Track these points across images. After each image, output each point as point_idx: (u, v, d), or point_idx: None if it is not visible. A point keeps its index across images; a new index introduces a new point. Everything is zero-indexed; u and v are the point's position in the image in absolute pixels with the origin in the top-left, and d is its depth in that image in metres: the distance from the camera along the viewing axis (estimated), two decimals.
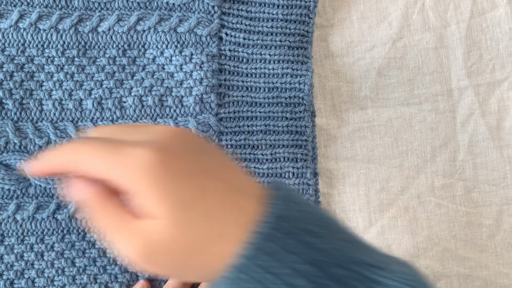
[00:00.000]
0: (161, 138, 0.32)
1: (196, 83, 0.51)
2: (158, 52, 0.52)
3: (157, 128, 0.34)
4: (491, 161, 0.56)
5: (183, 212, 0.31)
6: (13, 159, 0.50)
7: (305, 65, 0.53)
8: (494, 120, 0.56)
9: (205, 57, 0.51)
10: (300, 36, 0.53)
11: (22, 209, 0.50)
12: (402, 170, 0.55)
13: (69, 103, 0.51)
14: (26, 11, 0.51)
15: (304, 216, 0.33)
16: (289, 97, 0.53)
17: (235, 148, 0.52)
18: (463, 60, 0.56)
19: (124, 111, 0.51)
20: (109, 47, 0.51)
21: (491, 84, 0.56)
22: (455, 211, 0.55)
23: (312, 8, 0.53)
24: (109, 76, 0.51)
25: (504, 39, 0.56)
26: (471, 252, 0.55)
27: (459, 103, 0.56)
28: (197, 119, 0.51)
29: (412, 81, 0.56)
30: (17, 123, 0.50)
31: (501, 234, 0.55)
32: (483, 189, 0.56)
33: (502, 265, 0.55)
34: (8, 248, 0.50)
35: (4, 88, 0.50)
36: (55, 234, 0.50)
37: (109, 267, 0.51)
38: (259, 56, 0.53)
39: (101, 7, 0.52)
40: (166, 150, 0.31)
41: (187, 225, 0.31)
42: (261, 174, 0.52)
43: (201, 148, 0.34)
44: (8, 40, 0.50)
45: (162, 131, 0.33)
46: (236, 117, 0.52)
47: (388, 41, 0.56)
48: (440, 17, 0.56)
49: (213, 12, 0.52)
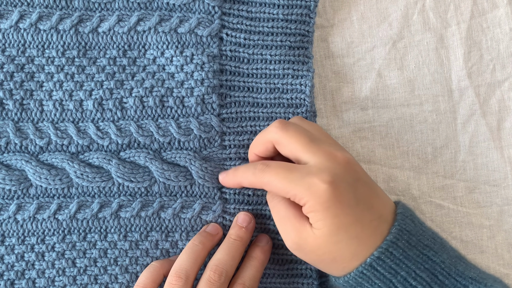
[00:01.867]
0: (334, 168, 0.43)
1: (197, 84, 0.51)
2: (158, 52, 0.52)
3: (332, 155, 0.44)
4: (491, 161, 0.56)
5: (337, 232, 0.42)
6: (14, 160, 0.50)
7: (306, 65, 0.53)
8: (494, 120, 0.56)
9: (206, 57, 0.51)
10: (301, 36, 0.53)
11: (23, 209, 0.50)
12: (403, 170, 0.55)
13: (70, 103, 0.51)
14: (26, 12, 0.51)
15: (421, 233, 0.44)
16: (290, 98, 0.53)
17: (238, 148, 0.52)
18: (464, 60, 0.56)
19: (125, 111, 0.51)
20: (110, 48, 0.51)
21: (491, 85, 0.56)
22: (456, 212, 0.55)
23: (312, 8, 0.53)
24: (109, 77, 0.51)
25: (505, 39, 0.56)
26: (472, 253, 0.55)
27: (460, 103, 0.56)
28: (199, 120, 0.51)
29: (413, 82, 0.56)
30: (17, 123, 0.50)
31: (501, 234, 0.55)
32: (484, 190, 0.56)
33: (503, 265, 0.55)
34: (8, 248, 0.49)
35: (4, 88, 0.50)
36: (55, 234, 0.50)
37: (110, 267, 0.51)
38: (260, 56, 0.53)
39: (101, 7, 0.52)
40: (337, 184, 0.42)
41: (335, 243, 0.43)
42: None
43: (359, 178, 0.44)
44: (9, 41, 0.50)
45: (336, 160, 0.44)
46: (239, 117, 0.52)
47: (389, 41, 0.56)
48: (440, 18, 0.56)
49: (214, 12, 0.52)
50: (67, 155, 0.50)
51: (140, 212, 0.51)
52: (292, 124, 0.46)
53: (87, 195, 0.50)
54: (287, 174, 0.44)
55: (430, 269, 0.43)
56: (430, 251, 0.43)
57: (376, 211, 0.44)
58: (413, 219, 0.45)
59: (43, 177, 0.49)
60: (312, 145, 0.44)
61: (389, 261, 0.42)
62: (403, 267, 0.42)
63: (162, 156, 0.51)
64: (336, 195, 0.42)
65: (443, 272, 0.43)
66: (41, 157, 0.50)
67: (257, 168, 0.46)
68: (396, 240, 0.43)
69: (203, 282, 0.46)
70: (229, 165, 0.52)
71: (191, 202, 0.51)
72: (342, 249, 0.43)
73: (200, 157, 0.51)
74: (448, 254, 0.44)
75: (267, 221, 0.52)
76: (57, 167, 0.50)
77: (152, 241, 0.51)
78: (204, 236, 0.49)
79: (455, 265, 0.44)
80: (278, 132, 0.45)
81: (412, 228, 0.44)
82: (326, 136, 0.47)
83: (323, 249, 0.43)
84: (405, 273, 0.42)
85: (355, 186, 0.43)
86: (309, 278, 0.52)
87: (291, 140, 0.45)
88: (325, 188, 0.42)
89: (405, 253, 0.43)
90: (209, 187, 0.51)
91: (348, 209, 0.42)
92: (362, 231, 0.42)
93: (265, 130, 0.47)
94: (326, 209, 0.42)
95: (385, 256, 0.42)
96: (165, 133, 0.51)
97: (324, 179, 0.42)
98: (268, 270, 0.52)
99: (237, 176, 0.49)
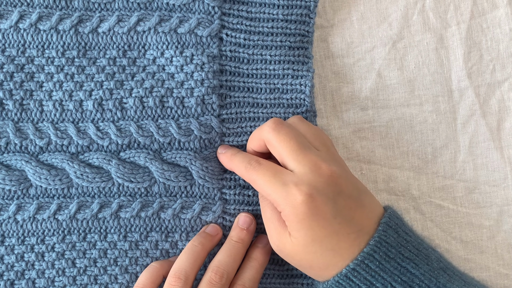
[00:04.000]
0: (316, 180, 0.43)
1: (197, 84, 0.51)
2: (158, 53, 0.52)
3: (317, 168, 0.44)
4: (491, 162, 0.56)
5: (311, 244, 0.43)
6: (14, 160, 0.49)
7: (306, 66, 0.53)
8: (494, 121, 0.56)
9: (205, 58, 0.51)
10: (301, 36, 0.53)
11: (23, 209, 0.50)
12: (403, 171, 0.55)
13: (70, 104, 0.51)
14: (26, 12, 0.50)
15: (404, 243, 0.44)
16: (290, 98, 0.52)
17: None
18: (464, 61, 0.56)
19: (125, 112, 0.51)
20: (109, 48, 0.51)
21: (491, 85, 0.56)
22: (456, 212, 0.55)
23: (312, 8, 0.53)
24: (109, 77, 0.51)
25: (505, 39, 0.56)
26: (471, 254, 0.55)
27: (460, 104, 0.56)
28: (199, 120, 0.51)
29: (413, 82, 0.56)
30: (17, 123, 0.50)
31: (501, 235, 0.55)
32: (483, 190, 0.56)
33: (503, 266, 0.55)
34: (8, 248, 0.49)
35: (4, 88, 0.50)
36: (55, 234, 0.50)
37: (110, 267, 0.51)
38: (259, 56, 0.52)
39: (101, 7, 0.52)
40: (314, 197, 0.42)
41: (310, 253, 0.43)
42: None
43: (340, 191, 0.44)
44: (8, 41, 0.50)
45: (319, 173, 0.43)
46: (239, 118, 0.52)
47: (389, 42, 0.56)
48: (440, 18, 0.56)
49: (214, 12, 0.52)
50: (67, 156, 0.50)
51: (140, 212, 0.51)
52: (285, 126, 0.46)
53: (87, 196, 0.50)
54: (271, 178, 0.44)
55: (407, 282, 0.43)
56: (410, 263, 0.43)
57: (356, 224, 0.44)
58: (397, 229, 0.45)
59: (43, 178, 0.49)
60: (299, 152, 0.44)
61: (364, 272, 0.43)
62: (378, 279, 0.43)
63: (162, 156, 0.51)
64: (311, 208, 0.42)
65: (421, 284, 0.43)
66: (41, 157, 0.50)
67: (250, 164, 0.47)
68: (373, 252, 0.43)
69: (204, 283, 0.46)
70: None
71: (191, 203, 0.51)
72: (317, 259, 0.44)
73: (201, 157, 0.51)
74: (431, 266, 0.44)
75: None
76: (57, 168, 0.50)
77: (152, 241, 0.51)
78: (203, 237, 0.49)
79: (436, 277, 0.44)
80: (270, 132, 0.46)
81: (393, 240, 0.44)
82: (321, 141, 0.47)
83: (299, 256, 0.44)
84: (380, 285, 0.43)
85: (335, 199, 0.43)
86: (309, 279, 0.52)
87: (280, 143, 0.45)
88: (302, 200, 0.42)
89: (382, 265, 0.43)
90: (209, 188, 0.51)
91: (324, 222, 0.43)
92: (337, 244, 0.43)
93: (261, 126, 0.47)
94: (300, 221, 0.43)
95: (360, 268, 0.43)
96: (165, 134, 0.51)
97: (302, 190, 0.42)
98: (268, 270, 0.52)
99: (232, 163, 0.49)
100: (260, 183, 0.45)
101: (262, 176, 0.45)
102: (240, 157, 0.49)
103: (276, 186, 0.44)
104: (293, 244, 0.44)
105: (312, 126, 0.49)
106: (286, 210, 0.43)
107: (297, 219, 0.43)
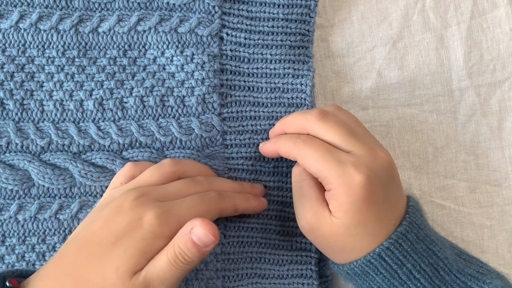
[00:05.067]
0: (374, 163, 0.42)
1: (198, 83, 0.51)
2: (158, 52, 0.52)
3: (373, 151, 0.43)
4: (492, 161, 0.56)
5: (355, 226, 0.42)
6: (16, 160, 0.49)
7: (307, 65, 0.53)
8: (495, 120, 0.56)
9: (206, 57, 0.51)
10: (301, 36, 0.53)
11: (24, 209, 0.49)
12: (404, 170, 0.55)
13: (70, 103, 0.51)
14: (26, 12, 0.50)
15: (428, 227, 0.45)
16: (291, 98, 0.53)
17: (239, 148, 0.52)
18: (464, 60, 0.56)
19: (125, 111, 0.51)
20: (110, 48, 0.51)
21: (492, 85, 0.56)
22: (457, 212, 0.55)
23: (313, 7, 0.53)
24: (109, 77, 0.51)
25: (505, 39, 0.56)
26: (473, 253, 0.55)
27: (460, 103, 0.56)
28: (200, 119, 0.51)
29: (413, 82, 0.56)
30: (18, 123, 0.50)
31: (502, 234, 0.55)
32: (485, 190, 0.56)
33: (503, 265, 0.55)
34: (9, 248, 0.49)
35: (5, 88, 0.50)
36: (56, 234, 0.50)
37: None
38: (260, 56, 0.53)
39: (101, 7, 0.52)
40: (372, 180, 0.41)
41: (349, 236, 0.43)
42: (266, 173, 0.52)
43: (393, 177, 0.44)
44: (9, 41, 0.50)
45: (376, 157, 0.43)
46: (240, 116, 0.52)
47: (389, 41, 0.56)
48: (440, 18, 0.56)
49: (214, 12, 0.52)
50: (69, 155, 0.50)
51: None
52: (331, 115, 0.45)
53: (89, 195, 0.50)
54: (326, 154, 0.42)
55: (433, 264, 0.43)
56: (435, 246, 0.44)
57: (397, 211, 0.44)
58: (421, 213, 0.45)
59: (47, 177, 0.49)
60: (352, 137, 0.43)
61: (398, 252, 0.42)
62: (409, 259, 0.43)
63: (165, 154, 0.51)
64: (368, 190, 0.41)
65: (445, 268, 0.44)
66: (43, 157, 0.50)
67: (300, 138, 0.45)
68: (406, 232, 0.43)
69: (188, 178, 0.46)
70: (232, 163, 0.52)
71: None
72: (354, 242, 0.43)
73: (203, 156, 0.51)
74: (450, 251, 0.45)
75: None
76: (60, 167, 0.50)
77: None
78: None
79: (456, 262, 0.44)
80: (317, 123, 0.44)
81: (421, 222, 0.44)
82: (363, 129, 0.47)
83: (335, 237, 0.43)
84: (410, 266, 0.43)
85: (387, 185, 0.43)
86: (309, 278, 0.52)
87: (330, 131, 0.44)
88: (359, 181, 0.41)
89: (413, 245, 0.43)
90: None
91: (374, 207, 0.42)
92: (380, 229, 0.43)
93: (305, 115, 0.46)
94: (352, 202, 0.41)
95: (394, 247, 0.42)
96: (166, 133, 0.51)
97: (361, 171, 0.41)
98: (268, 270, 0.52)
99: (277, 143, 0.47)
100: (311, 159, 0.43)
101: (315, 150, 0.43)
102: (285, 136, 0.47)
103: (331, 163, 0.42)
104: (333, 224, 0.43)
105: (350, 114, 0.48)
106: (339, 189, 0.42)
107: (349, 199, 0.41)
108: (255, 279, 0.51)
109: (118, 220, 0.41)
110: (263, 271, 0.51)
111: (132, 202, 0.42)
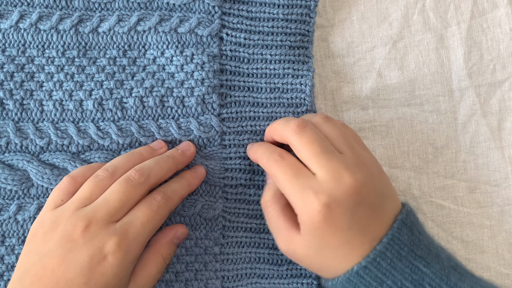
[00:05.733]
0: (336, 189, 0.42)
1: (197, 84, 0.51)
2: (158, 52, 0.52)
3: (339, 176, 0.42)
4: (492, 161, 0.56)
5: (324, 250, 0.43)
6: (15, 160, 0.49)
7: (306, 65, 0.53)
8: (495, 120, 0.56)
9: (206, 57, 0.51)
10: (301, 36, 0.53)
11: (23, 209, 0.49)
12: (404, 170, 0.55)
13: (70, 103, 0.51)
14: (26, 12, 0.50)
15: (416, 242, 0.44)
16: (291, 98, 0.53)
17: (238, 148, 0.52)
18: (464, 60, 0.56)
19: (125, 111, 0.51)
20: (110, 48, 0.51)
21: (492, 85, 0.56)
22: (457, 212, 0.55)
23: (312, 8, 0.53)
24: (109, 77, 0.51)
25: (505, 39, 0.56)
26: (472, 253, 0.55)
27: (460, 103, 0.56)
28: (199, 120, 0.51)
29: (413, 82, 0.56)
30: (18, 123, 0.50)
31: (502, 234, 0.55)
32: (484, 190, 0.56)
33: (503, 266, 0.55)
34: (9, 248, 0.49)
35: (4, 88, 0.50)
36: None
37: None
38: (260, 56, 0.53)
39: (101, 7, 0.52)
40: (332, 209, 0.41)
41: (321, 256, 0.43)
42: (263, 173, 0.52)
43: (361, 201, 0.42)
44: (9, 41, 0.50)
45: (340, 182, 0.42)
46: (239, 117, 0.52)
47: (389, 41, 0.56)
48: (440, 18, 0.56)
49: (214, 12, 0.52)
50: (68, 155, 0.50)
51: None
52: (309, 129, 0.45)
53: None
54: (292, 178, 0.43)
55: (418, 280, 0.42)
56: (421, 261, 0.43)
57: (370, 234, 0.43)
58: (411, 227, 0.44)
59: (46, 177, 0.49)
60: (323, 157, 0.43)
61: (376, 270, 0.42)
62: (389, 277, 0.42)
63: None
64: (327, 218, 0.41)
65: (432, 283, 0.43)
66: (42, 157, 0.50)
67: (272, 156, 0.46)
68: (385, 250, 0.42)
69: (122, 178, 0.45)
70: (230, 163, 0.52)
71: (192, 200, 0.51)
72: (328, 263, 0.44)
73: (201, 156, 0.51)
74: (442, 264, 0.44)
75: None
76: (58, 167, 0.50)
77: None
78: (145, 149, 0.49)
79: (448, 276, 0.43)
80: (293, 135, 0.45)
81: (407, 238, 0.43)
82: (346, 142, 0.46)
83: (310, 259, 0.44)
84: (391, 282, 0.42)
85: (353, 210, 0.42)
86: (309, 278, 0.52)
87: (303, 147, 0.44)
88: (319, 210, 0.41)
89: (393, 263, 0.42)
90: (211, 186, 0.51)
91: (338, 232, 0.42)
92: (351, 251, 0.43)
93: (285, 125, 0.46)
94: (315, 229, 0.42)
95: (372, 266, 0.42)
96: (166, 134, 0.51)
97: (320, 200, 0.41)
98: (267, 270, 0.52)
99: (256, 155, 0.49)
100: (280, 179, 0.44)
101: (283, 173, 0.44)
102: (264, 149, 0.48)
103: (296, 188, 0.43)
104: (305, 247, 0.43)
105: (337, 126, 0.47)
106: (302, 215, 0.42)
107: (312, 226, 0.42)
108: (254, 279, 0.51)
109: (77, 256, 0.41)
110: (262, 271, 0.51)
111: (83, 234, 0.42)
